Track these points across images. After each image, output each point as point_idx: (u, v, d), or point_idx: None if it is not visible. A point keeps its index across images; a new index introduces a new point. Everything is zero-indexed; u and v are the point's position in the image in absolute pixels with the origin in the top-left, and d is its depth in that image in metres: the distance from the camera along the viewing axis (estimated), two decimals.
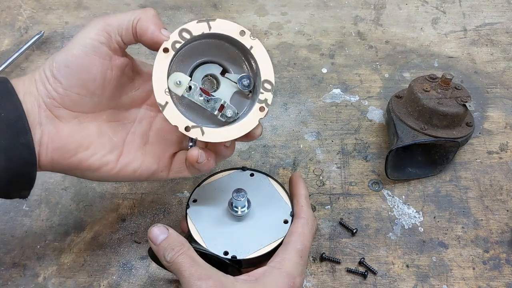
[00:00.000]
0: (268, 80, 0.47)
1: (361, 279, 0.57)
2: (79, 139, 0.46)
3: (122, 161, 0.49)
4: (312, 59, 0.79)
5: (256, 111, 0.47)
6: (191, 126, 0.45)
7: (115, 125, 0.49)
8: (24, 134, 0.43)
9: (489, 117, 0.71)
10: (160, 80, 0.45)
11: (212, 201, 0.54)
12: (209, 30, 0.45)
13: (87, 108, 0.47)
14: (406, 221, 0.61)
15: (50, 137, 0.45)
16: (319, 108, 0.73)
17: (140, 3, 0.88)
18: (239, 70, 0.50)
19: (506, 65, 0.78)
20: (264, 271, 0.47)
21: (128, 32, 0.45)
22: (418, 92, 0.64)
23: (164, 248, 0.46)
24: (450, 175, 0.65)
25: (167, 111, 0.45)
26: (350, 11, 0.86)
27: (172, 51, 0.45)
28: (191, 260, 0.45)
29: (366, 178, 0.65)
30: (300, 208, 0.53)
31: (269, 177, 0.56)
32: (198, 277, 0.44)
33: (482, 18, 0.85)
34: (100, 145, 0.48)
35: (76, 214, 0.62)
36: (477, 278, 0.56)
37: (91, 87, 0.46)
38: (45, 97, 0.45)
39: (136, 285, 0.56)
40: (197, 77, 0.48)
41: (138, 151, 0.50)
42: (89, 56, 0.45)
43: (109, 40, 0.45)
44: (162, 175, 0.51)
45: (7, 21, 0.85)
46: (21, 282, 0.56)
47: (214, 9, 0.87)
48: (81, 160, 0.46)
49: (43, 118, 0.45)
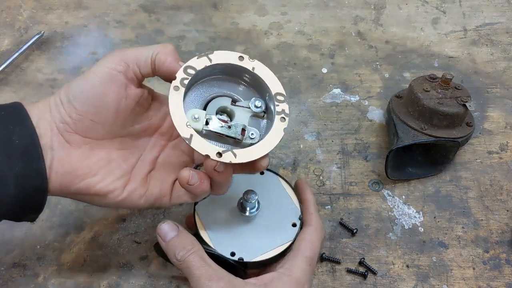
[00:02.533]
0: (279, 92, 0.48)
1: (361, 279, 0.57)
2: (89, 165, 0.46)
3: (129, 188, 0.48)
4: (312, 59, 0.79)
5: (278, 123, 0.48)
6: (222, 152, 0.45)
7: (126, 152, 0.49)
8: (37, 161, 0.43)
9: (489, 117, 0.71)
10: (179, 115, 0.45)
11: (221, 198, 0.53)
12: (210, 63, 0.47)
13: (99, 134, 0.47)
14: (406, 221, 0.61)
15: (60, 161, 0.45)
16: (319, 108, 0.73)
17: (140, 3, 0.88)
18: (249, 96, 0.51)
19: (506, 65, 0.78)
20: (273, 277, 0.47)
21: (146, 63, 0.46)
22: (418, 92, 0.64)
23: (174, 246, 0.46)
24: (450, 175, 0.65)
25: (194, 142, 0.45)
26: (350, 11, 0.86)
27: (182, 88, 0.46)
28: (201, 260, 0.46)
29: (366, 178, 0.65)
30: (310, 215, 0.53)
31: (278, 176, 0.57)
32: (209, 278, 0.44)
33: (482, 18, 0.85)
34: (109, 171, 0.47)
35: (76, 214, 0.62)
36: (477, 278, 0.56)
37: (105, 114, 0.46)
38: (58, 122, 0.45)
39: (136, 285, 0.56)
40: (210, 112, 0.49)
41: (144, 178, 0.50)
42: (105, 84, 0.45)
43: (127, 69, 0.46)
44: (164, 200, 0.50)
45: (7, 21, 0.85)
46: (21, 282, 0.56)
47: (214, 9, 0.87)
48: (90, 186, 0.46)
49: (55, 142, 0.45)
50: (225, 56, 0.48)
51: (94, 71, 0.45)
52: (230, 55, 0.48)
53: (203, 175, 0.47)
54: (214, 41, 0.82)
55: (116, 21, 0.86)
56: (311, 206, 0.55)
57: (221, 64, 0.48)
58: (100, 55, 0.80)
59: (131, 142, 0.50)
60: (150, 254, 0.58)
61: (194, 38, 0.83)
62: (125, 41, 0.82)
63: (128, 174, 0.49)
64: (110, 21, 0.86)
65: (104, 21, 0.86)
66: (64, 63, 0.79)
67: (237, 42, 0.82)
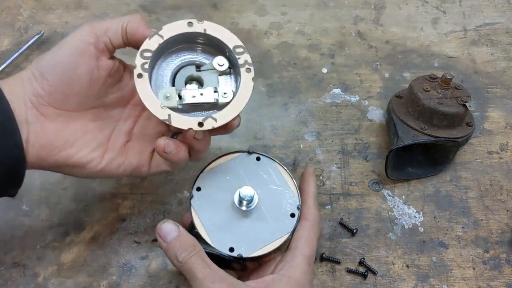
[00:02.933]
0: (237, 45, 0.49)
1: (361, 279, 0.57)
2: (65, 137, 0.47)
3: (107, 158, 0.50)
4: (312, 59, 0.79)
5: (245, 74, 0.48)
6: (202, 120, 0.46)
7: (101, 123, 0.50)
8: (13, 135, 0.44)
9: (489, 117, 0.71)
10: (150, 100, 0.46)
11: (217, 190, 0.53)
12: (163, 39, 0.48)
13: (72, 106, 0.48)
14: (406, 221, 0.61)
15: (36, 134, 0.46)
16: (319, 108, 0.73)
17: (140, 3, 0.88)
18: (210, 58, 0.51)
19: (506, 65, 0.78)
20: (273, 279, 0.47)
21: (117, 34, 0.47)
22: (418, 92, 0.64)
23: (175, 248, 0.46)
24: (450, 175, 0.65)
25: (174, 121, 0.46)
26: (350, 11, 0.86)
27: (145, 73, 0.47)
28: (203, 262, 0.46)
29: (366, 178, 0.65)
30: (308, 209, 0.53)
31: (276, 162, 0.55)
32: (212, 280, 0.44)
33: (482, 18, 0.85)
34: (85, 142, 0.49)
35: (76, 214, 0.62)
36: (477, 278, 0.56)
37: (77, 86, 0.47)
38: (32, 95, 0.46)
39: (136, 285, 0.56)
40: (179, 84, 0.50)
41: (122, 148, 0.51)
42: (76, 56, 0.46)
43: (97, 41, 0.47)
44: (144, 170, 0.52)
45: (7, 21, 0.85)
46: (21, 282, 0.56)
47: (214, 9, 0.87)
48: (67, 157, 0.47)
49: (30, 116, 0.45)
50: (174, 27, 0.48)
51: (64, 44, 0.46)
52: (178, 25, 0.48)
53: (179, 143, 0.48)
54: None
55: None
56: (310, 199, 0.53)
57: (173, 36, 0.48)
58: None
59: (105, 113, 0.51)
60: (150, 254, 0.59)
61: None
62: None
63: (105, 144, 0.50)
64: None
65: None
66: None
67: None
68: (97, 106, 0.50)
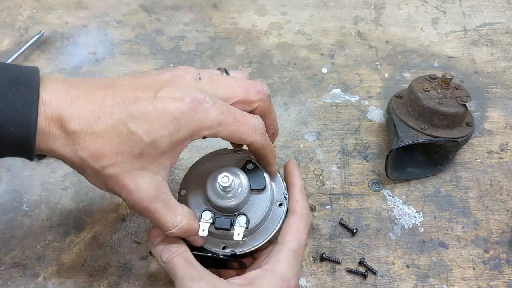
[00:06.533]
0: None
1: (361, 279, 0.57)
2: None
3: None
4: (312, 59, 0.79)
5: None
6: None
7: None
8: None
9: (489, 117, 0.71)
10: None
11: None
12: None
13: None
14: (406, 221, 0.61)
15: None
16: (319, 108, 0.73)
17: (140, 3, 0.88)
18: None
19: (506, 65, 0.78)
20: (257, 274, 0.47)
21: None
22: (418, 92, 0.64)
23: (160, 249, 0.47)
24: (450, 175, 0.65)
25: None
26: (350, 11, 0.86)
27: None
28: (185, 261, 0.46)
29: (366, 178, 0.65)
30: (295, 202, 0.51)
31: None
32: (191, 278, 0.44)
33: (482, 18, 0.85)
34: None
35: (76, 214, 0.62)
36: (477, 278, 0.56)
37: None
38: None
39: (136, 285, 0.56)
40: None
41: None
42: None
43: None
44: None
45: (7, 21, 0.85)
46: (21, 282, 0.56)
47: (214, 9, 0.87)
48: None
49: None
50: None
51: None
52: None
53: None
54: (214, 41, 0.82)
55: (116, 21, 0.86)
56: (298, 193, 0.52)
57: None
58: (100, 55, 0.80)
59: None
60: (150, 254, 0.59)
61: (194, 38, 0.83)
62: (125, 41, 0.82)
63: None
64: (110, 21, 0.86)
65: (104, 21, 0.86)
66: (64, 63, 0.79)
67: (237, 42, 0.82)
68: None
